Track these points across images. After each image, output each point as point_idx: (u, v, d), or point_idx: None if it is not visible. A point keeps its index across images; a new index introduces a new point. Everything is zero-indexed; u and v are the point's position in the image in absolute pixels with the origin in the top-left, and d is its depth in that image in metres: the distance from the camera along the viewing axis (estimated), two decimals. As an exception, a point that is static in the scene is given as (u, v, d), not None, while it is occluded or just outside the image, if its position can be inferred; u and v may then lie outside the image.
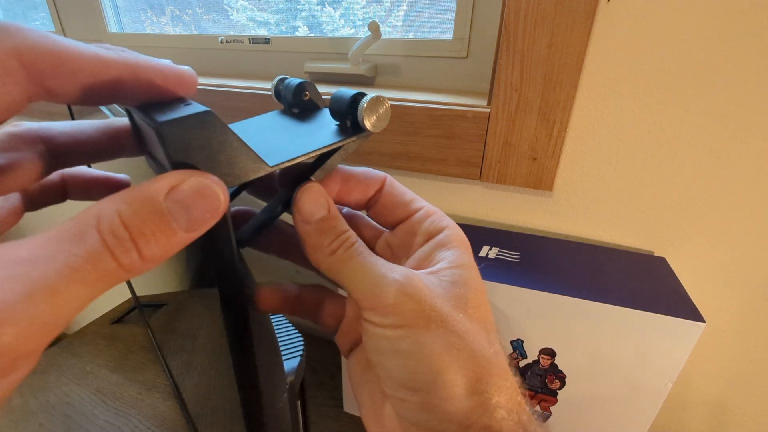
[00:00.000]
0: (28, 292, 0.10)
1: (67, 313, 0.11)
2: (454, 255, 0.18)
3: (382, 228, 0.21)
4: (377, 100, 0.17)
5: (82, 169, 0.19)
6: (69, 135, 0.17)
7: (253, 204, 0.20)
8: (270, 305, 0.20)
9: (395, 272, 0.16)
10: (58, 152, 0.16)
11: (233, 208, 0.18)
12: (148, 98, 0.14)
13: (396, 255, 0.20)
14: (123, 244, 0.11)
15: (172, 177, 0.12)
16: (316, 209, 0.17)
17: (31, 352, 0.11)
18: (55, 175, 0.18)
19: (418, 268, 0.18)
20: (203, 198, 0.13)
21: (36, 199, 0.18)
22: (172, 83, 0.14)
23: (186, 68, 0.14)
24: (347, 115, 0.18)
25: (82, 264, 0.11)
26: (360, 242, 0.17)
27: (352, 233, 0.17)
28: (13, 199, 0.17)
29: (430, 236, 0.19)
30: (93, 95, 0.13)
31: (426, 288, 0.16)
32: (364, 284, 0.16)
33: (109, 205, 0.12)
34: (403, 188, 0.20)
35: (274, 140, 0.17)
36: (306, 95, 0.20)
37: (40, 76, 0.12)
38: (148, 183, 0.12)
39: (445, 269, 0.17)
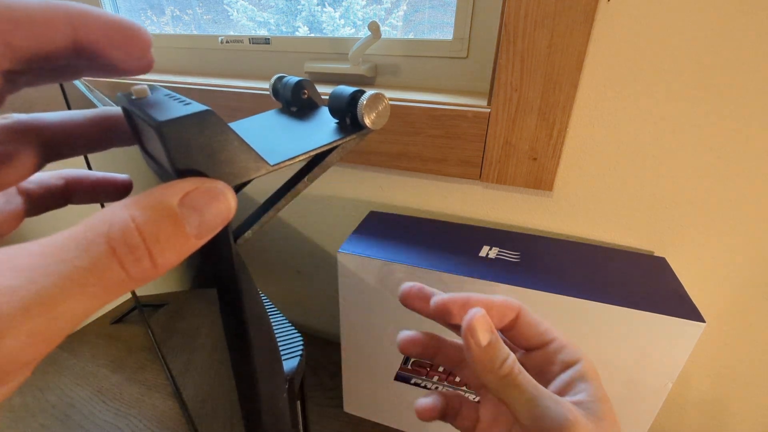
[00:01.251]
0: (26, 306, 0.10)
1: (67, 325, 0.10)
2: (592, 388, 0.21)
3: (516, 347, 0.25)
4: (376, 97, 0.17)
5: (84, 172, 0.19)
6: (60, 125, 0.16)
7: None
8: (429, 417, 0.24)
9: (559, 406, 0.19)
10: (50, 143, 0.16)
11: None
12: (98, 53, 0.13)
13: (532, 376, 0.23)
14: (135, 252, 0.11)
15: (186, 183, 0.12)
16: (486, 335, 0.20)
17: (28, 363, 0.10)
18: (59, 180, 0.18)
19: (559, 394, 0.21)
20: (217, 203, 0.13)
21: (38, 203, 0.17)
22: (119, 37, 0.13)
23: (137, 25, 0.14)
24: (347, 112, 0.18)
25: (84, 276, 0.10)
26: (522, 369, 0.20)
27: (513, 357, 0.20)
28: (15, 202, 0.17)
29: (567, 366, 0.22)
30: (52, 50, 0.13)
31: (583, 425, 0.19)
32: (530, 412, 0.19)
33: (121, 211, 0.11)
34: (537, 318, 0.24)
35: (274, 139, 0.17)
36: (304, 93, 0.20)
37: (3, 35, 0.11)
38: (160, 188, 0.12)
39: (587, 402, 0.20)
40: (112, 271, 0.11)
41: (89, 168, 0.47)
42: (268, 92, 0.53)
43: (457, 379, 0.41)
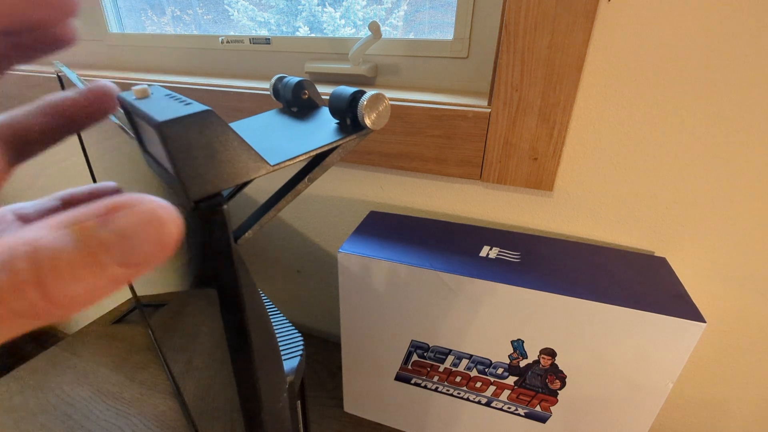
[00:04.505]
0: None
1: None
2: None
3: None
4: (377, 98, 0.17)
5: (76, 189, 0.17)
6: (12, 124, 0.15)
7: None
8: None
9: None
10: (12, 145, 0.15)
11: None
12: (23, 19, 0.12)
13: None
14: (17, 280, 0.09)
15: (111, 201, 0.10)
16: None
17: None
18: (55, 201, 0.16)
19: None
20: (147, 226, 0.10)
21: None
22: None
23: None
24: (347, 113, 0.18)
25: None
26: None
27: None
28: (14, 230, 0.16)
29: None
30: None
31: None
32: None
33: (27, 231, 0.09)
34: None
35: (275, 139, 0.17)
36: (305, 94, 0.20)
37: None
38: (83, 207, 0.10)
39: None
40: None
41: (90, 170, 0.47)
42: (268, 92, 0.53)
43: (458, 379, 0.41)
